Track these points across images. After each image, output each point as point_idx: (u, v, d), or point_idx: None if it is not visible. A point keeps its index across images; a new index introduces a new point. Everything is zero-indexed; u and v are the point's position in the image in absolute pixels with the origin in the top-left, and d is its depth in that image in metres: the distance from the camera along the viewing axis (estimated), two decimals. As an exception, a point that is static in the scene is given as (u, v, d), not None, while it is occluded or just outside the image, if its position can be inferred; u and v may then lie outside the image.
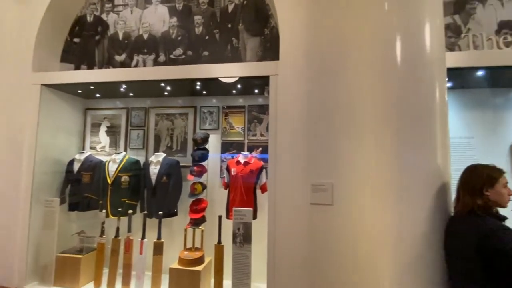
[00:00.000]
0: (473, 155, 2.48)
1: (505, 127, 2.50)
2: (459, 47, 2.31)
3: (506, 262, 1.10)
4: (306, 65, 2.21)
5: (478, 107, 2.53)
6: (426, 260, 1.45)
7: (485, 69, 2.11)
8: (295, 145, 2.18)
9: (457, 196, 1.39)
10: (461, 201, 1.34)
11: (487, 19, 2.34)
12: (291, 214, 2.14)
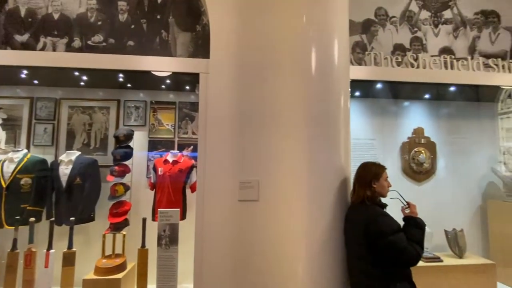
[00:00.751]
0: (374, 154, 2.95)
1: (398, 131, 3.05)
2: (365, 62, 2.71)
3: (384, 242, 1.36)
4: (236, 66, 2.27)
5: (379, 114, 3.03)
6: (331, 245, 1.68)
7: (382, 82, 2.54)
8: (225, 143, 2.21)
9: (353, 188, 1.66)
10: (356, 192, 1.60)
11: (385, 41, 2.82)
12: (220, 212, 2.17)
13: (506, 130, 3.18)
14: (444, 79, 2.58)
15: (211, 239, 2.15)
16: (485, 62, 2.79)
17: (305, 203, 1.79)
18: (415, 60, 2.65)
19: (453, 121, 3.15)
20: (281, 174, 2.19)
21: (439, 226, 2.79)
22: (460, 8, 2.96)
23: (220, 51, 2.28)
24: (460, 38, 2.93)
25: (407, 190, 2.93)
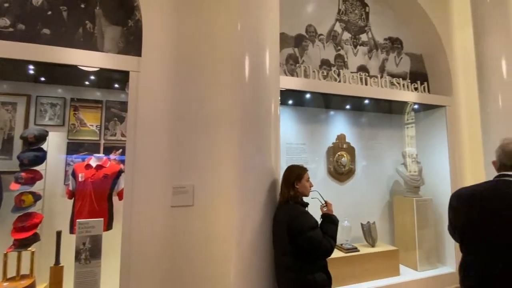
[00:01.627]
0: (305, 157, 3.22)
1: (325, 137, 3.40)
2: (297, 73, 2.96)
3: (303, 237, 1.51)
4: (170, 67, 2.22)
5: (309, 121, 3.32)
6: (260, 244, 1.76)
7: (311, 93, 2.80)
8: (156, 147, 2.13)
9: (281, 189, 1.78)
10: (282, 193, 1.73)
11: (314, 56, 3.13)
12: (150, 219, 2.07)
13: (410, 138, 3.87)
14: (360, 93, 2.99)
15: (139, 249, 2.03)
16: (391, 81, 3.34)
17: (238, 205, 1.85)
18: (338, 75, 3.01)
19: (369, 129, 3.67)
20: (216, 177, 2.22)
21: (358, 220, 3.20)
22: (374, 34, 3.49)
23: (153, 50, 2.19)
24: (373, 59, 3.46)
25: (332, 189, 3.32)
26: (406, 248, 3.29)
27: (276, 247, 1.68)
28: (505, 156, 1.21)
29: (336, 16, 3.29)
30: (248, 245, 1.74)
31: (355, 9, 3.41)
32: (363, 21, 3.44)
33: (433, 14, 3.45)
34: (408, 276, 3.03)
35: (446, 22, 3.56)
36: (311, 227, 1.53)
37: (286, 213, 1.60)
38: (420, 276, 3.07)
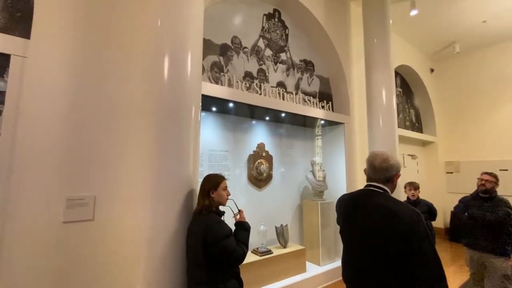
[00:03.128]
0: (227, 164, 3.27)
1: (247, 145, 3.54)
2: (221, 81, 3.00)
3: (217, 247, 1.49)
4: (70, 56, 1.89)
5: (232, 128, 3.40)
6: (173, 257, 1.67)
7: (235, 102, 2.87)
8: (45, 151, 1.76)
9: (198, 199, 1.73)
10: (198, 202, 1.69)
11: (239, 66, 3.25)
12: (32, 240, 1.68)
13: (318, 148, 4.43)
14: (279, 107, 3.26)
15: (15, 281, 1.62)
16: (304, 98, 3.78)
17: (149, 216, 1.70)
18: (260, 88, 3.20)
19: (286, 139, 4.02)
20: (124, 186, 1.99)
21: (273, 224, 3.43)
22: (291, 54, 3.89)
23: (48, 33, 1.84)
24: (290, 77, 3.84)
25: (251, 195, 3.47)
26: (312, 246, 3.72)
27: (189, 259, 1.63)
28: (369, 169, 1.42)
29: (260, 33, 3.52)
30: (159, 260, 1.63)
31: (277, 29, 3.73)
32: (283, 41, 3.80)
33: (338, 45, 4.11)
34: (313, 272, 3.43)
35: (347, 54, 4.29)
36: (226, 235, 1.54)
37: (201, 224, 1.57)
38: (322, 270, 3.51)
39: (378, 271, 1.23)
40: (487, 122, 5.85)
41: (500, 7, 4.49)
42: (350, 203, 1.46)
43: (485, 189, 2.59)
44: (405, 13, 4.47)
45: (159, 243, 1.65)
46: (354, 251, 1.36)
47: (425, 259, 1.13)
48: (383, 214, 1.26)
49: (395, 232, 1.19)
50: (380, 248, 1.23)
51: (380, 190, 1.36)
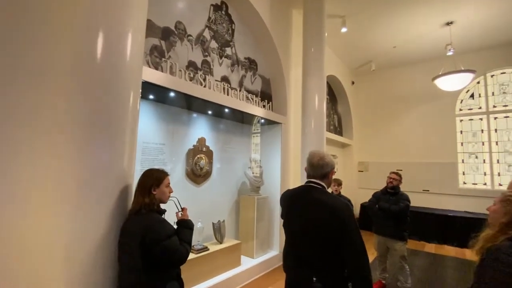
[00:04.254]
0: (163, 158, 3.04)
1: (186, 139, 3.36)
2: (162, 68, 2.76)
3: (159, 247, 1.38)
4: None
5: (171, 120, 3.18)
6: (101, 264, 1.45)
7: (176, 92, 2.69)
8: None
9: (134, 196, 1.55)
10: (135, 200, 1.51)
11: (182, 54, 3.05)
12: None
13: (255, 145, 4.55)
14: (223, 102, 3.20)
15: None
16: (247, 96, 3.83)
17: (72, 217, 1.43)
18: (204, 80, 3.08)
19: (225, 135, 4.00)
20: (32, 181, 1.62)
21: (211, 220, 3.37)
22: (237, 50, 3.89)
23: None
24: (235, 73, 3.84)
25: (189, 191, 3.32)
26: (247, 240, 3.83)
27: (123, 262, 1.44)
28: (308, 166, 1.53)
29: (206, 23, 3.39)
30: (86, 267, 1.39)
31: (223, 22, 3.66)
32: (229, 35, 3.75)
33: (280, 49, 4.31)
34: (247, 265, 3.52)
35: (287, 58, 4.54)
36: (168, 235, 1.44)
37: (140, 224, 1.41)
38: (256, 262, 3.65)
39: (316, 259, 1.35)
40: (390, 130, 7.13)
41: (408, 36, 5.51)
42: (293, 198, 1.56)
43: (392, 186, 3.15)
44: (336, 29, 5.02)
45: (85, 248, 1.40)
46: (296, 242, 1.45)
47: (353, 246, 1.30)
48: (320, 207, 1.39)
49: (331, 223, 1.33)
50: (318, 237, 1.35)
51: (318, 185, 1.49)
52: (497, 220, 1.21)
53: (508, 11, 4.52)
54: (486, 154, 5.96)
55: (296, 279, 1.42)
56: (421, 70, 6.58)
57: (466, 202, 5.82)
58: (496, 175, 5.80)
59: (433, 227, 5.63)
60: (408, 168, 6.40)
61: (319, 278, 1.31)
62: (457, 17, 4.72)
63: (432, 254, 4.93)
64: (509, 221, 1.19)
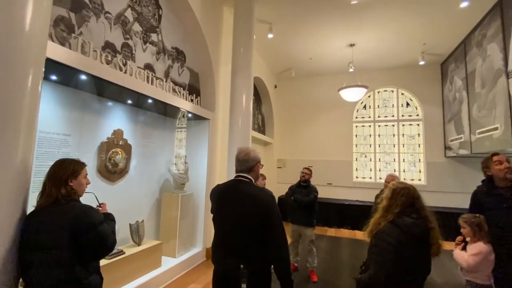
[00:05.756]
0: (68, 152, 2.57)
1: (99, 130, 2.94)
2: (70, 45, 2.34)
3: (94, 233, 1.29)
4: None
5: (79, 107, 2.72)
6: None
7: (88, 75, 2.32)
8: None
9: (42, 189, 1.36)
10: (47, 192, 1.33)
11: (97, 33, 2.65)
12: None
13: (179, 141, 4.36)
14: (147, 92, 2.95)
15: None
16: (173, 88, 3.64)
17: None
18: (124, 65, 2.77)
19: (146, 127, 3.68)
20: None
21: (127, 221, 3.06)
22: (164, 38, 3.63)
23: None
24: (160, 62, 3.58)
25: (102, 190, 2.92)
26: (169, 239, 3.66)
27: (45, 258, 1.24)
28: (236, 162, 1.67)
29: (129, 2, 3.04)
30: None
31: (149, 5, 3.37)
32: (155, 21, 3.47)
33: (210, 44, 4.27)
34: (168, 265, 3.37)
35: (217, 55, 4.54)
36: (101, 221, 1.37)
37: (67, 214, 1.29)
38: (177, 262, 3.53)
39: (244, 248, 1.44)
40: (304, 131, 8.06)
41: (321, 51, 6.32)
42: (222, 191, 1.63)
43: (305, 179, 3.59)
44: (263, 34, 5.33)
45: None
46: (227, 233, 1.52)
47: (276, 232, 1.46)
48: (248, 198, 1.50)
49: (257, 213, 1.45)
50: (247, 226, 1.45)
51: (246, 179, 1.60)
52: (382, 205, 1.59)
53: (391, 43, 5.79)
54: (372, 154, 7.49)
55: (224, 268, 1.47)
56: (330, 82, 7.68)
57: (358, 193, 7.16)
58: (378, 170, 7.36)
59: (333, 214, 6.70)
60: (317, 164, 7.38)
61: (246, 264, 1.41)
62: (358, 41, 5.74)
63: (333, 237, 5.88)
64: (387, 205, 1.57)
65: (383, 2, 4.24)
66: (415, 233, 1.43)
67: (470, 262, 1.95)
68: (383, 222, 1.52)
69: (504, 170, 2.12)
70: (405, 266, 1.42)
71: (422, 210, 1.52)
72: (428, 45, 5.81)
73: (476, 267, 1.95)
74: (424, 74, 6.91)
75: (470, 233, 2.04)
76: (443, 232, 1.54)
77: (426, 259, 1.49)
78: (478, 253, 1.95)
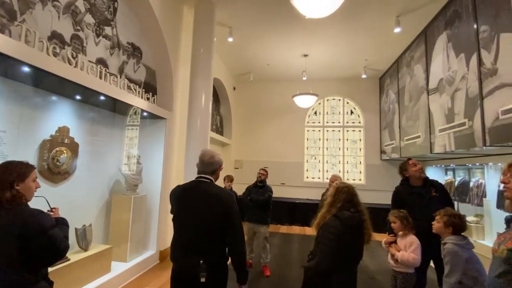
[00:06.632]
0: (2, 150, 2.30)
1: (40, 127, 2.68)
2: (10, 32, 2.11)
3: (45, 238, 1.25)
4: None
5: (17, 101, 2.45)
6: None
7: (31, 67, 2.12)
8: None
9: None
10: None
11: (44, 22, 2.43)
12: None
13: (130, 139, 4.16)
14: (99, 88, 2.78)
15: None
16: (128, 85, 3.49)
17: None
18: (74, 58, 2.58)
19: (95, 125, 3.44)
20: None
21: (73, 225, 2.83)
22: (119, 32, 3.46)
23: None
24: (114, 57, 3.41)
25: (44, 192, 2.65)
26: (119, 243, 3.48)
27: None
28: (200, 163, 1.73)
29: (80, -9, 2.84)
30: None
31: (104, -4, 3.18)
32: (110, 14, 3.29)
33: (169, 42, 4.19)
34: (118, 270, 3.22)
35: (176, 53, 4.47)
36: (53, 225, 1.32)
37: (15, 217, 1.23)
38: (128, 266, 3.39)
39: (205, 244, 1.54)
40: (261, 133, 8.35)
41: (278, 58, 6.65)
42: (184, 191, 1.69)
43: (261, 180, 3.79)
44: (224, 36, 5.41)
45: None
46: (187, 231, 1.59)
47: (235, 228, 1.59)
48: (209, 197, 1.60)
49: (218, 211, 1.56)
50: (208, 224, 1.55)
51: (208, 180, 1.70)
52: (327, 201, 1.84)
53: (339, 56, 6.42)
54: (321, 156, 8.15)
55: (184, 265, 1.54)
56: (286, 88, 8.11)
57: (308, 191, 7.71)
58: (325, 171, 8.04)
59: (285, 212, 7.11)
60: (272, 165, 7.72)
61: (205, 260, 1.50)
62: (311, 52, 6.23)
63: (285, 233, 6.24)
64: (332, 201, 1.83)
65: (332, 21, 4.70)
66: (352, 224, 1.71)
67: (417, 258, 2.17)
68: (328, 216, 1.77)
69: (418, 171, 2.62)
70: (345, 253, 1.68)
71: (358, 205, 1.81)
72: (369, 61, 6.60)
73: (419, 259, 2.17)
74: (366, 86, 7.80)
75: (400, 227, 2.33)
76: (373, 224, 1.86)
77: (360, 246, 1.78)
78: (416, 247, 2.20)
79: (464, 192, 4.84)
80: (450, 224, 1.87)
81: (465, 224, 1.92)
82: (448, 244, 1.81)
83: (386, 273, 3.65)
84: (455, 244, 1.78)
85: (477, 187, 4.50)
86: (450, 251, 1.77)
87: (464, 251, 1.76)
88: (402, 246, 2.29)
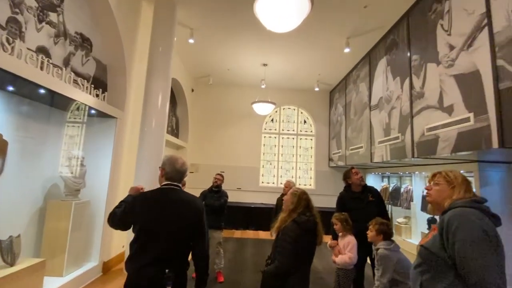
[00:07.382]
0: None
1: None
2: None
3: None
4: None
5: None
6: None
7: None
8: None
9: None
10: None
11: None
12: None
13: (70, 137, 3.72)
14: (39, 80, 2.46)
15: None
16: (75, 79, 3.16)
17: None
18: (10, 44, 2.25)
19: (29, 120, 3.02)
20: None
21: None
22: (66, 20, 3.12)
23: None
24: (59, 46, 3.06)
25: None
26: (55, 255, 3.09)
27: None
28: (172, 171, 1.63)
29: (21, -31, 2.49)
30: None
31: (49, -22, 2.85)
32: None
33: (124, 37, 3.92)
34: (52, 286, 2.85)
35: (132, 50, 4.20)
36: None
37: None
38: (65, 281, 3.02)
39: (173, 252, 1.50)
40: (218, 137, 8.30)
41: (238, 64, 6.74)
42: (154, 199, 1.59)
43: (217, 185, 3.78)
44: (184, 37, 5.29)
45: None
46: (160, 241, 1.49)
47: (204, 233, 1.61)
48: (185, 204, 1.60)
49: (190, 216, 1.57)
50: (183, 231, 1.54)
51: (177, 187, 1.67)
52: (287, 206, 1.94)
53: (295, 69, 6.81)
54: (276, 162, 8.45)
55: (145, 275, 1.44)
56: (245, 94, 8.24)
57: (263, 196, 7.90)
58: (280, 176, 8.36)
59: (240, 217, 7.15)
60: (228, 169, 7.73)
61: (172, 268, 1.46)
62: (270, 62, 6.48)
63: (239, 238, 6.27)
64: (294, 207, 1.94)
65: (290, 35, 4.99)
66: (308, 227, 1.84)
67: (353, 257, 2.49)
68: (288, 220, 1.87)
69: (359, 179, 2.99)
70: (302, 255, 1.80)
71: (312, 210, 1.96)
72: (321, 75, 7.15)
73: (356, 257, 2.51)
74: (318, 98, 8.41)
75: (341, 228, 2.66)
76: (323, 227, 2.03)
77: (314, 248, 1.93)
78: (352, 246, 2.53)
79: (396, 197, 5.56)
80: (381, 231, 2.21)
81: (391, 230, 2.29)
82: (380, 249, 2.14)
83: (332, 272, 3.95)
84: (385, 249, 2.11)
85: (406, 192, 5.21)
86: (382, 256, 2.10)
87: (394, 254, 2.09)
88: (342, 245, 2.61)
